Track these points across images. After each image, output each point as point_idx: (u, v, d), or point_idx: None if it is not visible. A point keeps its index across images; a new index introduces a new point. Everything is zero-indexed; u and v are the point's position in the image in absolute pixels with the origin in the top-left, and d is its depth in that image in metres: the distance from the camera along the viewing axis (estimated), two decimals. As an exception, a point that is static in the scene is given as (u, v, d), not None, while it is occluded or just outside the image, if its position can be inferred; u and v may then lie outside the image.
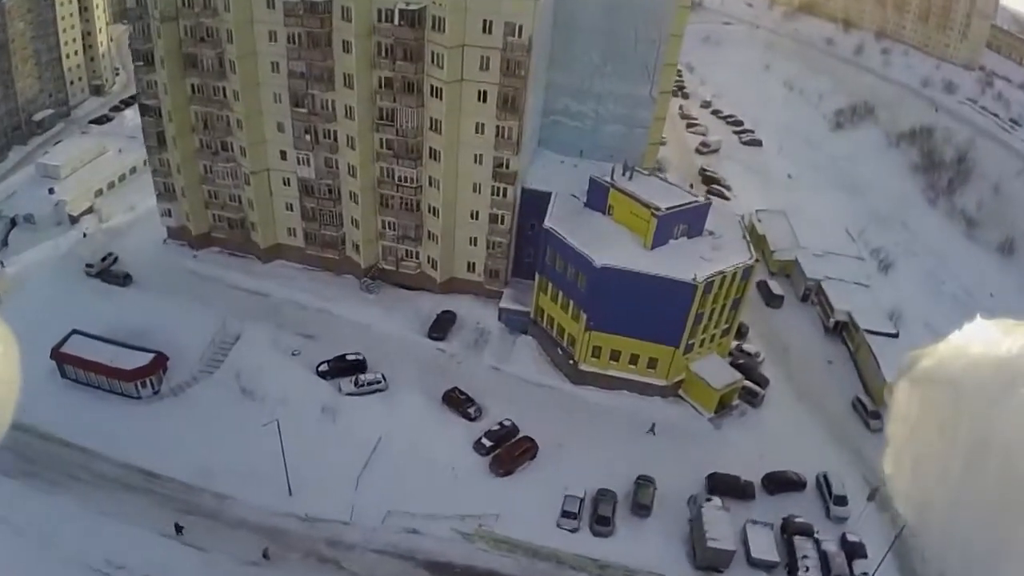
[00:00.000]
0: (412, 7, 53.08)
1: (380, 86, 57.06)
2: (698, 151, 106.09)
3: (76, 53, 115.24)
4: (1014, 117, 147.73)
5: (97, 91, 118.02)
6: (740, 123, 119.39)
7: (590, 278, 54.04)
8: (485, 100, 56.13)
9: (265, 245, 68.49)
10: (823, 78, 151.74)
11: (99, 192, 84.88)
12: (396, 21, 53.77)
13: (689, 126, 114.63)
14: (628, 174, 58.72)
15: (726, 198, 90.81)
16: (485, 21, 53.01)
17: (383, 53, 55.40)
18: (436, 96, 56.33)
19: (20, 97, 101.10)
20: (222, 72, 59.77)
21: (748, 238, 59.18)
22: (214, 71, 59.84)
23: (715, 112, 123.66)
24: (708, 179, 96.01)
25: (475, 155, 59.07)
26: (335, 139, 60.76)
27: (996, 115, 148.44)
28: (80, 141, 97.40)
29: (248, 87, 59.58)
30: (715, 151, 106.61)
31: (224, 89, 60.82)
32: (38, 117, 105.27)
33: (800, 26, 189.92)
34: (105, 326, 57.80)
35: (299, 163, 62.76)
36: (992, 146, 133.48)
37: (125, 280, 65.92)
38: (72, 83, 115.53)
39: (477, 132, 57.81)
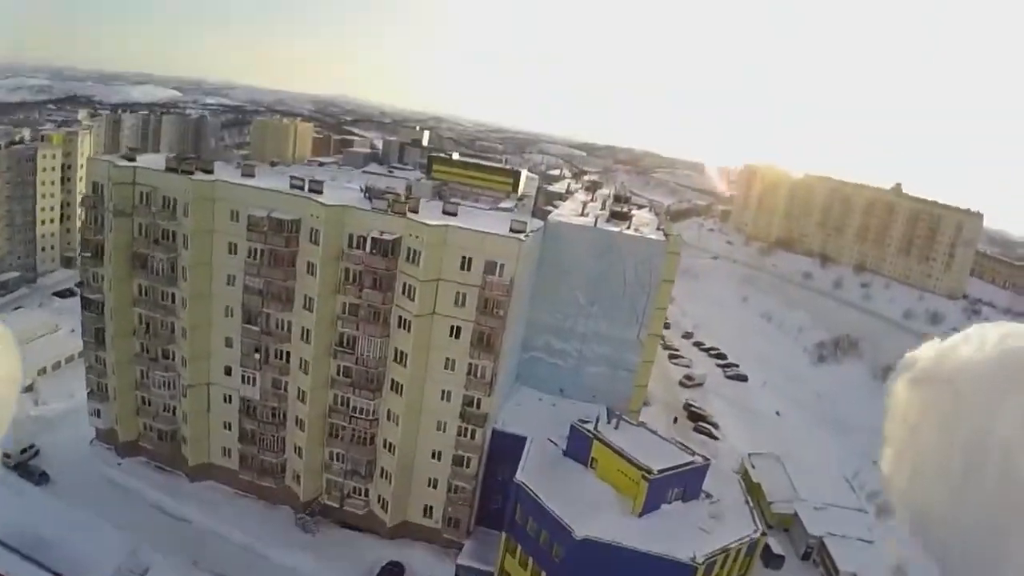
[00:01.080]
0: (386, 237, 49.06)
1: (343, 312, 51.81)
2: (682, 384, 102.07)
3: (52, 221, 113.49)
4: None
5: (68, 263, 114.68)
6: (723, 356, 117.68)
7: (568, 549, 45.32)
8: (458, 336, 50.77)
9: (195, 463, 60.13)
10: (801, 312, 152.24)
11: (42, 371, 78.90)
12: (368, 249, 49.57)
13: (672, 357, 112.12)
14: (614, 423, 52.29)
15: (715, 437, 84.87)
16: (464, 258, 49.00)
17: (350, 279, 50.67)
18: (404, 328, 51.00)
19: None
20: (173, 277, 54.90)
21: (751, 503, 51.66)
22: (164, 275, 54.98)
23: (697, 344, 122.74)
24: (694, 415, 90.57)
25: (443, 391, 52.73)
26: (287, 360, 54.56)
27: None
28: (34, 314, 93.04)
29: (198, 296, 54.33)
30: (700, 384, 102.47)
31: (173, 295, 55.58)
32: (2, 278, 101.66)
33: (777, 261, 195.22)
34: (11, 528, 50.76)
35: (243, 381, 56.01)
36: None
37: (41, 478, 58.91)
38: (43, 250, 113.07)
39: (447, 368, 51.93)
